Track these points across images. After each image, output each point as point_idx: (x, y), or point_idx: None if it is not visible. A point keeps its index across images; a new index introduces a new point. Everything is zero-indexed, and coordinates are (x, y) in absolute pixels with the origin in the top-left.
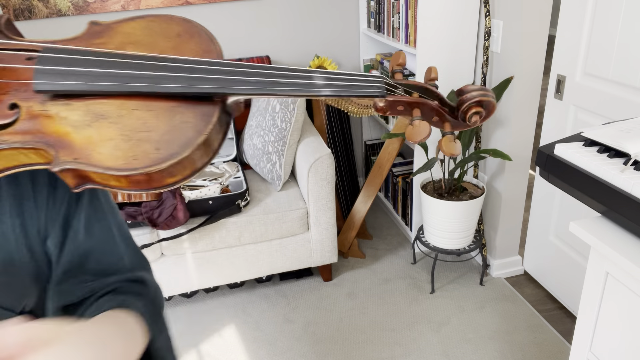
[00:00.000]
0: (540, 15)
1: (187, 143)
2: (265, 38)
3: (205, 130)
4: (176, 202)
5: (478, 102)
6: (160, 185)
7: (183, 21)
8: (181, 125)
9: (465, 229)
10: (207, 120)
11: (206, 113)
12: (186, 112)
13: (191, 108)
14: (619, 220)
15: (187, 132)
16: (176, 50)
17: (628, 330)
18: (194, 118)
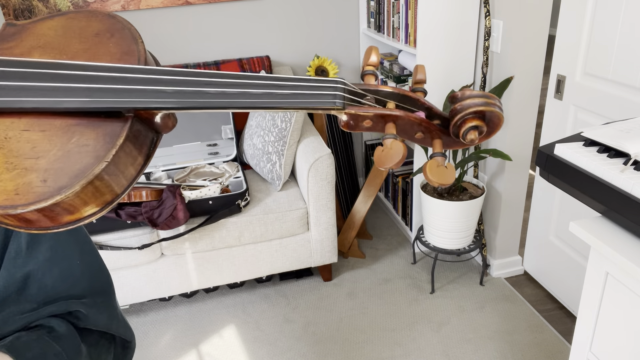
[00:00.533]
0: (540, 15)
1: (81, 173)
2: (265, 38)
3: (107, 155)
4: (176, 202)
5: (477, 113)
6: (60, 224)
7: (106, 17)
8: (78, 149)
9: (465, 229)
10: (111, 143)
11: (111, 133)
12: (86, 133)
13: (94, 127)
14: (619, 220)
15: (84, 158)
16: (89, 53)
17: (628, 330)
18: (95, 140)
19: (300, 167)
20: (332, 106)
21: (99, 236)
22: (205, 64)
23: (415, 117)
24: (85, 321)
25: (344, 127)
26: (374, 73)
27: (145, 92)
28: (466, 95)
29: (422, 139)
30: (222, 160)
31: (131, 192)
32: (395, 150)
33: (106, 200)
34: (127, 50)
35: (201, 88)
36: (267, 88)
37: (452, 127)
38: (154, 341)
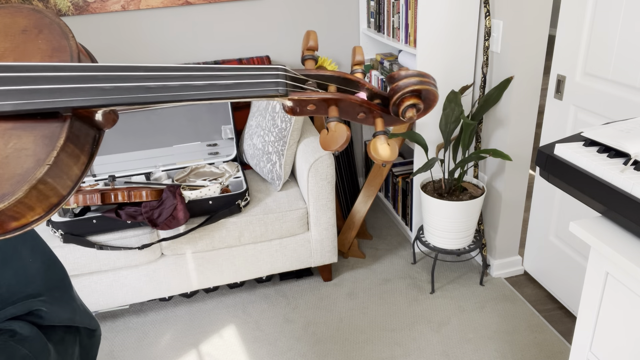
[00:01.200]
0: (540, 15)
1: (22, 179)
2: (265, 38)
3: (48, 158)
4: (176, 202)
5: (414, 92)
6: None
7: (32, 12)
8: (16, 154)
9: (465, 229)
10: (51, 145)
11: (50, 135)
12: (23, 136)
13: (30, 130)
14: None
15: (24, 163)
16: (17, 51)
17: (628, 330)
18: (34, 143)
19: (300, 167)
20: (275, 93)
21: (99, 236)
22: (205, 64)
23: (356, 98)
24: (48, 318)
25: (288, 112)
26: (314, 57)
27: (82, 91)
28: (402, 75)
29: (364, 119)
30: (222, 160)
31: (131, 192)
32: (339, 133)
33: (52, 203)
34: (57, 46)
35: (141, 83)
36: (209, 79)
37: (392, 106)
38: (154, 341)
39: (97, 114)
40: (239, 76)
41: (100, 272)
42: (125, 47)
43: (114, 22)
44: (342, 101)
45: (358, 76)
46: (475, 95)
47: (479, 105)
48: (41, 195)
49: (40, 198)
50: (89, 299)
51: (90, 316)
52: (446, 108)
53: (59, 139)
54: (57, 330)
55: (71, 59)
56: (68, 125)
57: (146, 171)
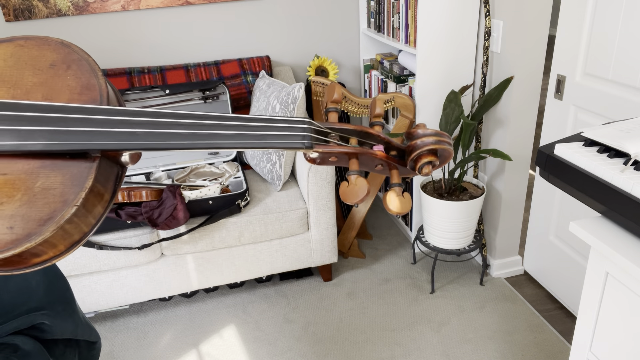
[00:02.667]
0: (540, 15)
1: (50, 219)
2: (265, 38)
3: (76, 200)
4: (176, 202)
5: (431, 151)
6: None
7: (60, 46)
8: (44, 193)
9: (465, 229)
10: (79, 186)
11: (78, 175)
12: (51, 175)
13: (59, 169)
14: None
15: (52, 203)
16: (46, 87)
17: (628, 330)
18: (62, 183)
19: (300, 167)
20: (301, 147)
21: (99, 236)
22: (206, 64)
23: (375, 153)
24: (51, 332)
25: (309, 162)
26: (337, 110)
27: (115, 135)
28: (420, 134)
29: (381, 170)
30: (222, 160)
31: (131, 192)
32: (359, 187)
33: (74, 240)
34: (87, 84)
35: (172, 130)
36: (237, 129)
37: (409, 162)
38: (154, 341)
39: (125, 154)
40: (267, 127)
41: (100, 272)
42: (126, 47)
43: (114, 22)
44: (363, 155)
45: (377, 129)
46: (475, 95)
47: (479, 105)
48: (66, 234)
49: (65, 237)
50: (89, 299)
51: (91, 329)
52: (446, 108)
53: (88, 180)
54: (59, 343)
55: (100, 98)
56: (97, 166)
57: (146, 171)
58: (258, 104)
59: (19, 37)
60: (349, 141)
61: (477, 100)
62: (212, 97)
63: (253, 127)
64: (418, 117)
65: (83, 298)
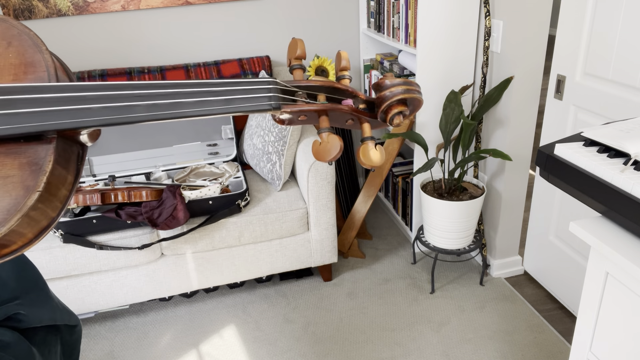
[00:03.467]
0: (540, 15)
1: (12, 208)
2: (265, 38)
3: (37, 185)
4: (176, 202)
5: (401, 100)
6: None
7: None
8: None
9: (465, 229)
10: (38, 171)
11: (36, 160)
12: (7, 162)
13: (15, 155)
14: (619, 220)
15: (12, 191)
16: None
17: (628, 330)
18: (19, 169)
19: (300, 167)
20: (268, 107)
21: (99, 236)
22: (206, 64)
23: (344, 107)
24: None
25: (278, 122)
26: (302, 67)
27: (69, 113)
28: (388, 85)
29: (352, 125)
30: (222, 160)
31: (131, 192)
32: (332, 144)
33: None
34: (31, 60)
35: (130, 102)
36: (200, 96)
37: (380, 114)
38: (154, 341)
39: (83, 132)
40: (232, 92)
41: (100, 272)
42: (125, 47)
43: (114, 22)
44: (333, 110)
45: (345, 83)
46: (475, 95)
47: (479, 105)
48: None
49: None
50: (89, 299)
51: (70, 312)
52: (446, 108)
53: (47, 163)
54: (38, 331)
55: (48, 74)
56: (54, 147)
57: (146, 171)
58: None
59: None
60: (317, 98)
61: (477, 100)
62: None
63: (217, 92)
64: (418, 117)
65: (83, 298)
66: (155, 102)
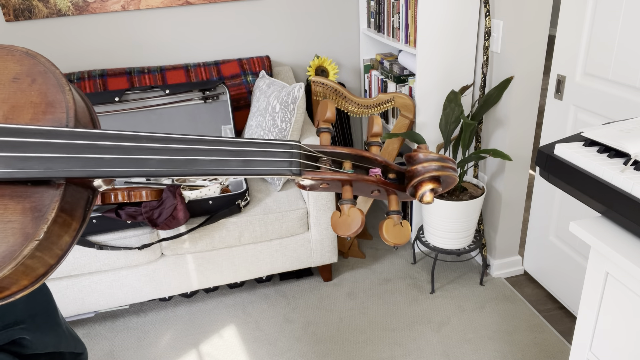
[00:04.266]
0: (540, 15)
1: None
2: (265, 38)
3: (37, 234)
4: (176, 202)
5: (434, 178)
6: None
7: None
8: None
9: (465, 229)
10: (40, 219)
11: (39, 206)
12: (10, 206)
13: (19, 199)
14: (619, 220)
15: (10, 237)
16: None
17: (628, 330)
18: (22, 214)
19: None
20: (288, 174)
21: (99, 236)
22: (206, 64)
23: (371, 179)
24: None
25: (300, 188)
26: (330, 130)
27: (80, 161)
28: (422, 159)
29: (378, 196)
30: None
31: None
32: (352, 219)
33: (39, 274)
34: (52, 100)
35: (144, 155)
36: (218, 154)
37: (409, 188)
38: (154, 341)
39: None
40: (251, 153)
41: (100, 272)
42: (125, 47)
43: (114, 22)
44: (357, 182)
45: (374, 150)
46: (475, 95)
47: (479, 105)
48: (27, 270)
49: (27, 272)
50: (89, 299)
51: (77, 340)
52: (446, 108)
53: (51, 211)
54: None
55: (67, 116)
56: (61, 194)
57: None
58: (258, 104)
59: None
60: (342, 165)
61: (477, 100)
62: (212, 97)
63: (236, 152)
64: (418, 117)
65: (83, 298)
66: (170, 157)
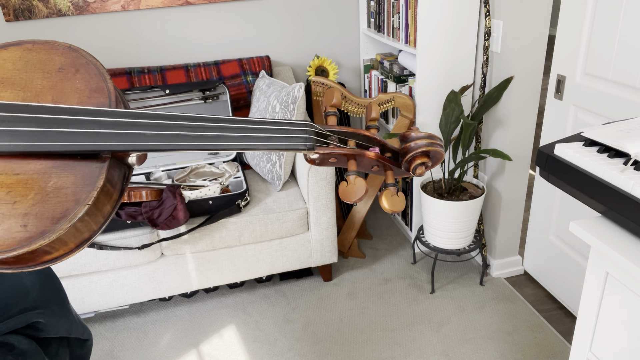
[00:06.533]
0: (540, 15)
1: (63, 217)
2: (265, 38)
3: (88, 199)
4: (176, 202)
5: (424, 152)
6: (36, 264)
7: (68, 51)
8: (56, 192)
9: (465, 229)
10: (91, 186)
11: (89, 175)
12: (63, 175)
13: (70, 169)
14: (619, 220)
15: (64, 202)
16: (56, 90)
17: (628, 330)
18: (74, 183)
19: (300, 167)
20: (303, 148)
21: (99, 236)
22: (206, 64)
23: (372, 154)
24: (46, 331)
25: (309, 162)
26: (336, 114)
27: (125, 136)
28: (414, 137)
29: (377, 171)
30: (222, 160)
31: (131, 192)
32: (358, 186)
33: (84, 238)
34: (95, 87)
35: (180, 132)
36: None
37: (403, 163)
38: (154, 341)
39: (132, 156)
40: (271, 130)
41: (100, 272)
42: (126, 47)
43: (114, 22)
44: (360, 156)
45: (373, 132)
46: (475, 95)
47: (479, 105)
48: (77, 232)
49: (76, 234)
50: (89, 299)
51: (84, 327)
52: (446, 108)
53: (99, 180)
54: (52, 342)
55: (109, 101)
56: (107, 166)
57: (146, 171)
58: (258, 104)
59: (26, 40)
60: (347, 143)
61: (477, 100)
62: (212, 97)
63: (258, 129)
64: (418, 117)
65: (83, 298)
66: (203, 133)
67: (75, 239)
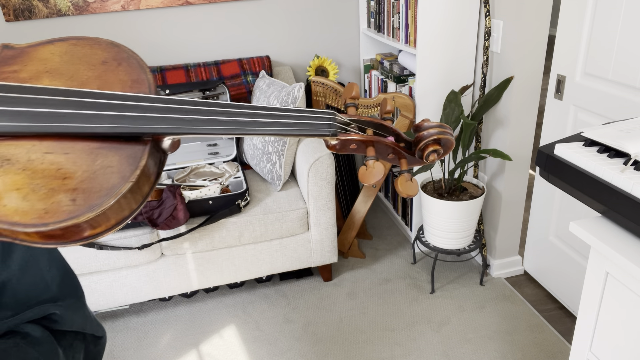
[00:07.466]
0: (540, 15)
1: (109, 192)
2: (265, 38)
3: (132, 176)
4: (176, 202)
5: (436, 140)
6: (79, 239)
7: (110, 45)
8: (103, 170)
9: (465, 229)
10: (134, 165)
11: (133, 155)
12: (109, 155)
13: (115, 150)
14: (619, 220)
15: (110, 178)
16: (101, 80)
17: (628, 330)
18: (119, 162)
19: (300, 167)
20: (327, 133)
21: None
22: (206, 64)
23: (388, 141)
24: (62, 323)
25: (331, 149)
26: (355, 105)
27: (166, 120)
28: (426, 126)
29: (392, 159)
30: (222, 160)
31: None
32: (377, 169)
33: (124, 215)
34: (136, 78)
35: (216, 117)
36: (273, 118)
37: (417, 151)
38: (154, 341)
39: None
40: (298, 117)
41: (100, 272)
42: None
43: (114, 22)
44: (379, 143)
45: (388, 123)
46: (475, 95)
47: (479, 105)
48: (119, 208)
49: (118, 211)
50: (89, 299)
51: (99, 324)
52: (446, 108)
53: (142, 160)
54: (67, 335)
55: (149, 90)
56: (149, 147)
57: None
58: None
59: (71, 37)
60: (365, 132)
61: (477, 100)
62: (212, 97)
63: (286, 116)
64: (418, 117)
65: None
66: (237, 118)
67: (117, 215)
